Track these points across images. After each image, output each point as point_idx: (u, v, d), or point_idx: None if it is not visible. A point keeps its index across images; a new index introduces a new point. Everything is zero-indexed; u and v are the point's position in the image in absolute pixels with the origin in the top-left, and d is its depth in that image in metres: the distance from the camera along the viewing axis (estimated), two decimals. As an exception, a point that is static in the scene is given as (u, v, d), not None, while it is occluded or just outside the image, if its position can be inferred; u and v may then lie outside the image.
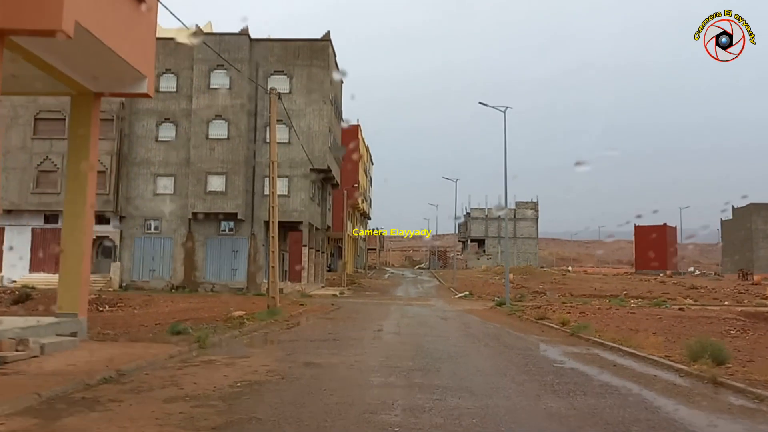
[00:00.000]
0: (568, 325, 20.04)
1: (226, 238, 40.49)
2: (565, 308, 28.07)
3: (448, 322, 22.96)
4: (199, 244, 40.35)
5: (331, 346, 14.37)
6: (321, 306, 29.36)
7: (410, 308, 30.27)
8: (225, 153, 40.04)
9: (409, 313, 27.00)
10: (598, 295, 42.26)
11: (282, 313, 22.30)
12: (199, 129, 40.15)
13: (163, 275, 40.22)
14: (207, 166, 39.97)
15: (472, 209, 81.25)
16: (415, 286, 53.99)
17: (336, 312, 26.31)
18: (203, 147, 40.06)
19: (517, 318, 24.42)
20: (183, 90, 40.83)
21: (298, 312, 24.85)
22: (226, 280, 40.01)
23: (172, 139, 40.73)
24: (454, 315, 26.32)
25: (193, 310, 24.58)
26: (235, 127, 40.10)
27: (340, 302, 33.77)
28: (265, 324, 19.42)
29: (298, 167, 40.35)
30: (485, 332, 18.90)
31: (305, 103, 40.81)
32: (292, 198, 40.39)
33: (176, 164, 40.56)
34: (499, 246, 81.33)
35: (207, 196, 39.89)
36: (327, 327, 19.50)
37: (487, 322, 22.51)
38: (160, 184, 40.66)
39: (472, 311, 28.31)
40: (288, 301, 30.96)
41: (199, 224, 40.41)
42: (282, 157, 40.53)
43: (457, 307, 31.93)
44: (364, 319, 23.30)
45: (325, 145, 40.74)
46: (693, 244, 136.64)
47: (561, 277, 63.51)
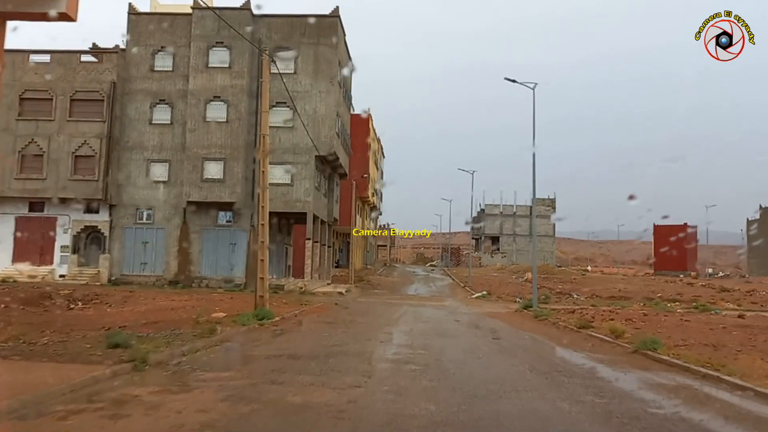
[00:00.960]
0: (623, 336, 15.76)
1: (223, 229, 36.44)
2: (603, 313, 23.75)
3: (470, 329, 18.72)
4: (194, 236, 36.32)
5: (320, 368, 10.21)
6: (322, 306, 25.22)
7: (424, 310, 26.07)
8: (223, 137, 35.97)
9: (423, 316, 22.80)
10: (627, 297, 37.84)
11: (271, 315, 18.16)
12: (196, 111, 36.10)
13: (156, 269, 36.22)
14: (204, 152, 35.92)
15: (486, 205, 76.83)
16: (428, 284, 49.73)
17: (338, 314, 22.15)
18: (200, 130, 36.01)
19: (551, 325, 20.13)
20: (179, 69, 36.78)
21: (293, 314, 20.70)
22: (223, 275, 35.96)
23: (167, 121, 36.70)
24: (475, 319, 22.08)
25: (171, 310, 20.60)
26: (235, 109, 36.01)
27: (345, 301, 29.62)
28: (245, 330, 15.29)
29: (302, 153, 36.23)
30: (522, 346, 14.64)
31: (311, 84, 36.66)
32: (295, 187, 36.27)
33: (171, 149, 36.55)
34: (514, 243, 76.89)
35: (203, 184, 35.85)
36: (323, 335, 15.34)
37: (518, 331, 18.24)
38: (154, 171, 36.66)
39: (495, 315, 24.05)
40: (286, 299, 26.86)
41: (195, 214, 36.38)
42: (285, 143, 36.48)
43: (476, 309, 27.68)
44: (369, 323, 19.12)
45: (332, 130, 36.57)
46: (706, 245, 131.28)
47: (580, 276, 58.99)
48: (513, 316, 24.05)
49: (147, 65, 36.86)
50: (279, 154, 36.22)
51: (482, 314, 24.44)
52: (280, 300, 26.23)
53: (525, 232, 76.98)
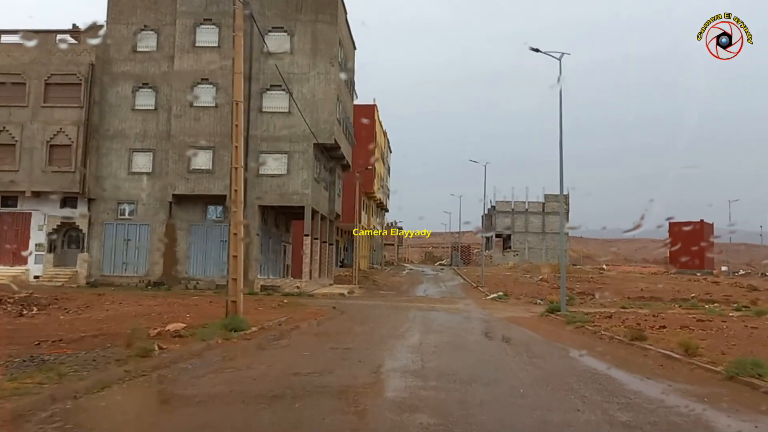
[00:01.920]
0: (698, 354, 11.65)
1: (213, 225, 32.53)
2: (647, 318, 19.58)
3: (495, 342, 14.63)
4: (181, 233, 32.42)
5: (274, 424, 6.19)
6: (316, 311, 21.19)
7: (435, 315, 22.01)
8: (212, 123, 32.07)
9: (435, 323, 18.73)
10: (657, 297, 33.62)
11: (245, 325, 14.15)
12: (182, 95, 32.21)
13: (138, 269, 32.34)
14: (191, 140, 32.01)
15: (497, 202, 72.60)
16: (437, 284, 45.61)
17: (332, 322, 18.11)
18: (186, 116, 32.11)
19: (592, 335, 16.01)
20: (164, 49, 32.93)
21: (277, 322, 16.67)
22: (212, 276, 32.03)
23: (151, 107, 32.85)
24: (498, 327, 18.00)
25: (133, 317, 16.65)
26: (225, 92, 32.05)
27: (345, 304, 25.61)
28: (200, 349, 11.27)
29: (299, 141, 32.27)
30: (574, 372, 10.49)
31: (309, 65, 32.69)
32: (292, 177, 32.30)
33: (155, 137, 32.68)
34: (526, 241, 72.49)
35: (191, 176, 31.96)
36: (302, 355, 11.30)
37: (556, 345, 14.11)
38: (136, 161, 32.80)
39: (519, 321, 19.94)
40: (277, 303, 22.89)
41: (182, 209, 32.50)
42: (281, 129, 32.55)
43: (495, 312, 23.58)
44: (369, 335, 15.06)
45: (332, 116, 32.58)
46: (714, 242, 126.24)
47: (598, 275, 54.63)
48: (540, 322, 19.93)
49: (129, 45, 33.01)
50: (273, 141, 32.38)
51: (503, 320, 20.34)
52: (269, 304, 22.27)
53: (537, 230, 72.63)
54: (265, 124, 32.37)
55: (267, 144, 32.28)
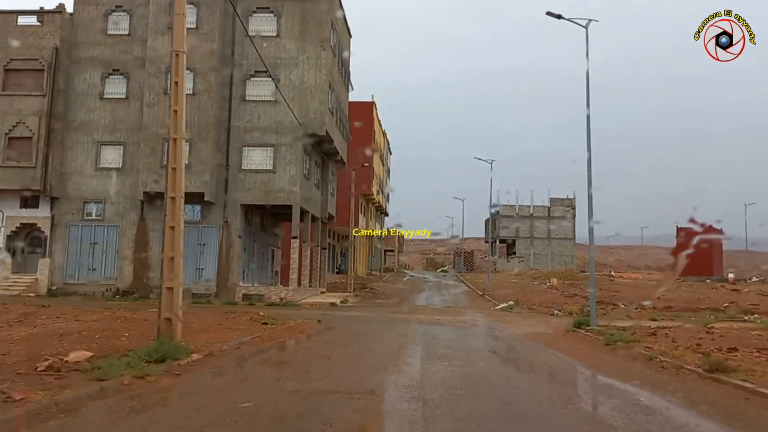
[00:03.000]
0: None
1: (190, 226, 28.33)
2: (703, 337, 15.39)
3: (527, 375, 10.47)
4: (154, 235, 28.32)
5: None
6: (296, 326, 17.05)
7: (440, 331, 17.84)
8: (189, 113, 27.74)
9: (441, 342, 14.57)
10: (691, 308, 29.43)
11: (180, 352, 10.04)
12: (156, 81, 28.20)
13: (106, 276, 28.22)
14: (165, 131, 27.85)
15: (501, 206, 68.44)
16: (440, 291, 41.42)
17: (309, 342, 13.96)
18: (160, 105, 28.07)
19: (645, 360, 11.82)
20: (137, 32, 28.93)
21: (235, 344, 12.55)
22: (188, 283, 27.80)
23: (122, 95, 28.83)
24: (523, 349, 13.86)
25: (59, 337, 12.71)
26: (203, 79, 28.08)
27: (334, 317, 21.49)
28: (83, 397, 7.16)
29: (286, 133, 28.22)
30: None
31: (297, 49, 28.68)
32: (278, 174, 28.22)
33: (126, 129, 28.65)
34: (531, 247, 68.20)
35: (164, 171, 27.80)
36: (236, 411, 7.12)
37: (612, 381, 9.92)
38: (105, 155, 28.75)
39: (544, 339, 15.77)
40: (249, 315, 18.76)
41: (155, 208, 28.41)
42: (265, 120, 28.49)
43: (510, 326, 19.39)
44: (351, 365, 10.91)
45: (323, 105, 28.53)
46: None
47: (609, 282, 50.33)
48: (571, 341, 15.74)
49: (98, 28, 29.04)
50: (258, 133, 28.32)
51: (524, 337, 16.16)
52: (240, 318, 18.13)
53: (543, 235, 68.41)
54: (249, 114, 28.35)
55: (250, 136, 28.25)
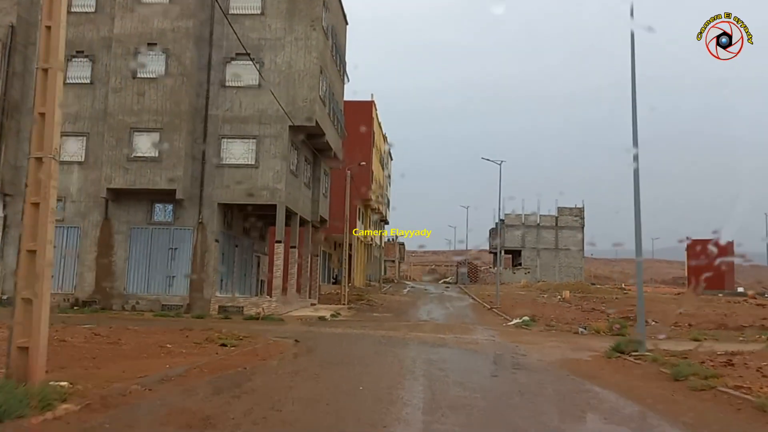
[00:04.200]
0: None
1: (160, 228, 24.46)
2: None
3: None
4: (119, 238, 24.35)
5: None
6: (260, 349, 12.96)
7: (447, 356, 13.73)
8: (160, 100, 24.14)
9: (450, 375, 10.47)
10: (721, 325, 25.31)
11: (42, 398, 6.04)
12: (123, 63, 24.35)
13: (65, 285, 24.20)
14: (133, 119, 24.09)
15: (506, 215, 64.37)
16: (443, 304, 37.27)
17: (266, 376, 9.83)
18: (128, 90, 24.22)
19: (757, 411, 7.76)
20: (104, 9, 25.14)
21: (155, 381, 8.51)
22: (157, 293, 23.90)
23: (87, 80, 24.95)
24: (567, 391, 9.75)
25: None
26: (177, 61, 24.22)
27: (319, 334, 17.42)
28: None
29: (271, 123, 24.31)
30: None
31: (285, 29, 24.83)
32: (261, 169, 24.27)
33: (91, 118, 24.75)
34: (538, 258, 64.00)
35: (131, 165, 23.95)
36: None
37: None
38: (67, 147, 24.65)
39: (584, 370, 11.67)
40: (212, 333, 14.69)
41: (121, 207, 24.49)
42: (247, 108, 24.58)
43: (533, 350, 15.26)
44: (315, 417, 6.83)
45: (313, 92, 24.63)
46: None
47: (623, 296, 46.06)
48: (620, 372, 11.59)
49: (61, 5, 25.20)
50: (238, 123, 24.45)
51: (556, 365, 12.06)
52: (197, 336, 14.09)
53: (550, 245, 64.24)
54: (229, 102, 24.46)
55: (230, 126, 24.34)
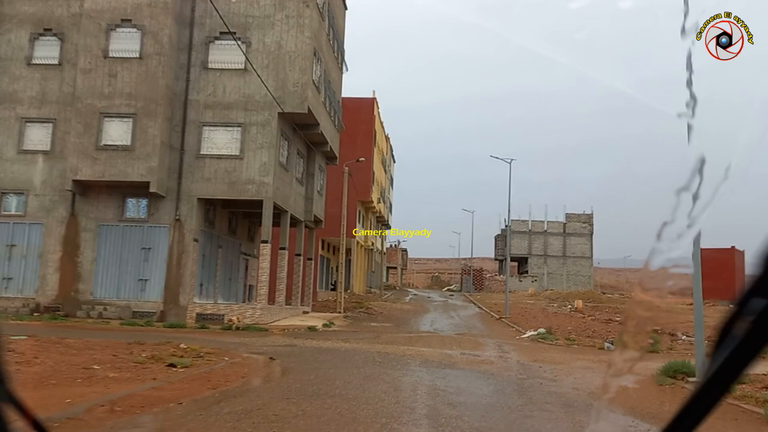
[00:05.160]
0: None
1: (132, 226, 21.50)
2: None
3: None
4: (87, 236, 21.41)
5: None
6: (218, 372, 9.94)
7: (457, 380, 10.66)
8: (135, 82, 21.25)
9: (464, 425, 7.38)
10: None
11: None
12: (94, 42, 21.49)
13: (25, 288, 21.25)
14: (103, 104, 21.20)
15: (513, 221, 61.17)
16: (448, 313, 34.16)
17: (197, 422, 6.75)
18: (99, 72, 21.35)
19: None
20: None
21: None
22: (128, 298, 20.91)
23: (54, 61, 22.11)
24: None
25: None
26: (154, 39, 21.34)
27: (300, 350, 14.39)
28: None
29: (258, 110, 21.39)
30: None
31: (274, 5, 21.96)
32: (246, 160, 21.32)
33: (59, 102, 21.89)
34: (545, 266, 60.78)
35: (101, 154, 21.03)
36: None
37: None
38: (31, 135, 21.96)
39: (641, 405, 8.59)
40: (168, 348, 11.68)
41: (89, 202, 21.56)
42: (232, 93, 21.67)
43: (559, 371, 12.18)
44: None
45: (305, 76, 21.70)
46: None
47: (636, 305, 42.74)
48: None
49: (28, -22, 22.47)
50: (222, 110, 21.57)
51: (610, 401, 9.02)
52: (147, 351, 11.08)
53: (557, 253, 61.04)
54: (212, 86, 21.55)
55: (213, 113, 21.43)
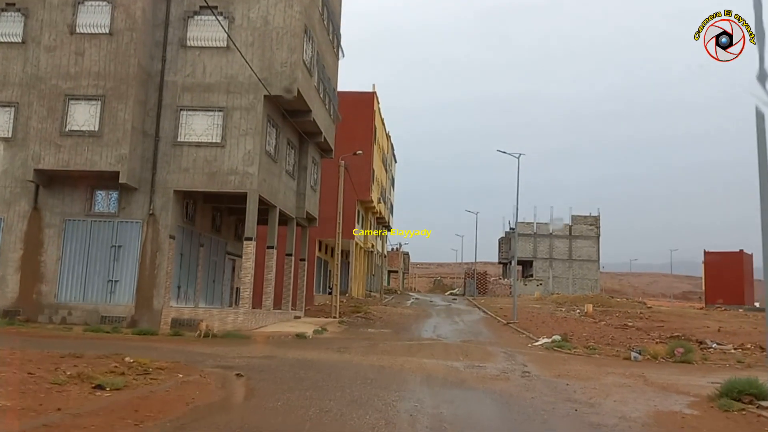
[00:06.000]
0: None
1: (101, 221, 19.05)
2: None
3: None
4: (51, 232, 18.97)
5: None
6: (165, 393, 7.48)
7: (468, 405, 8.18)
8: (104, 61, 18.85)
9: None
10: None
11: None
12: (59, 17, 19.11)
13: (-19, 289, 18.80)
14: (69, 84, 18.79)
15: (517, 223, 58.70)
16: (452, 318, 31.62)
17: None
18: (64, 49, 18.96)
19: None
20: (42, -47, 19.98)
21: None
22: (95, 301, 18.45)
23: (17, 39, 19.71)
24: None
25: None
26: (125, 13, 18.94)
27: (278, 363, 11.90)
28: None
29: (242, 93, 18.96)
30: None
31: (261, -23, 19.58)
32: (228, 149, 18.88)
33: (21, 84, 19.48)
34: (550, 269, 58.20)
35: (66, 141, 18.61)
36: None
37: None
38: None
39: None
40: (110, 361, 9.20)
41: (54, 194, 19.14)
42: (213, 74, 19.20)
43: (591, 389, 9.68)
44: None
45: (295, 55, 19.27)
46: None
47: (648, 311, 40.20)
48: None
49: (-11, -53, 20.12)
50: (201, 92, 19.17)
51: (652, 430, 6.55)
52: (79, 366, 8.60)
53: (563, 256, 58.47)
54: (190, 66, 19.14)
55: (192, 96, 19.00)
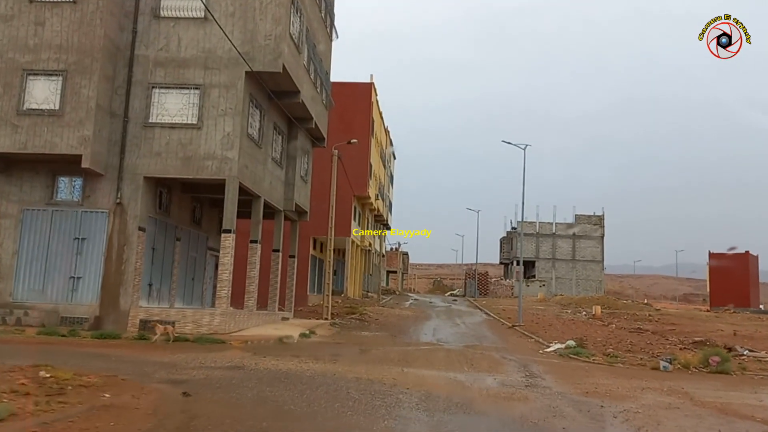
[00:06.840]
0: None
1: (63, 211, 16.81)
2: None
3: None
4: (6, 223, 16.74)
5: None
6: (95, 413, 5.28)
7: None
8: (66, 31, 16.64)
9: None
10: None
11: None
12: (18, -18, 16.93)
13: (-72, 286, 16.56)
14: (27, 58, 16.58)
15: (519, 223, 56.55)
16: (452, 320, 29.34)
17: None
18: (21, 19, 16.75)
19: None
20: None
21: None
22: (56, 300, 16.22)
23: (-27, 9, 17.53)
24: None
25: None
26: (92, -21, 16.75)
27: (248, 375, 9.65)
28: None
29: (221, 69, 16.73)
30: None
31: (243, -59, 17.35)
32: (205, 130, 16.64)
33: (-24, 59, 17.28)
34: (553, 270, 55.92)
35: (23, 120, 16.38)
36: None
37: None
38: (-59, 99, 17.32)
39: None
40: (35, 373, 6.93)
41: (10, 181, 16.92)
42: (190, 48, 16.86)
43: (648, 425, 7.45)
44: None
45: (280, 26, 17.05)
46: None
47: (656, 313, 37.91)
48: None
49: None
50: (176, 68, 16.93)
51: None
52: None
53: (566, 256, 56.21)
54: (164, 39, 16.92)
55: (165, 72, 16.78)
